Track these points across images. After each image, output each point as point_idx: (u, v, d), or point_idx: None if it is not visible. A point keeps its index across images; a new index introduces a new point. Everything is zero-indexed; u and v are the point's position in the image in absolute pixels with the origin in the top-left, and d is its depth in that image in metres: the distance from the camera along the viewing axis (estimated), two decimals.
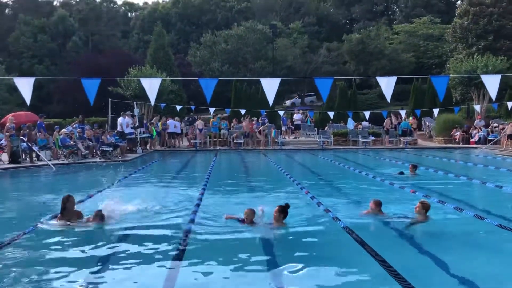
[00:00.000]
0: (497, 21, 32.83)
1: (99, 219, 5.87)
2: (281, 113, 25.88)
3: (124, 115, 18.35)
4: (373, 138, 22.50)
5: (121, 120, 18.13)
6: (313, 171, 13.53)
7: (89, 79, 10.78)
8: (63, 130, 15.95)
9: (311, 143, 22.90)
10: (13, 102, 33.52)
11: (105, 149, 15.48)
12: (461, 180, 10.70)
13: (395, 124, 23.70)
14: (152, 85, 11.69)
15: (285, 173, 11.87)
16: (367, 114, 24.63)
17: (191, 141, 21.98)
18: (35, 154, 14.56)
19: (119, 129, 18.05)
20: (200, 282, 4.08)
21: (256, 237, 5.44)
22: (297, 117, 25.66)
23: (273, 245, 5.22)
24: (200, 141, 21.48)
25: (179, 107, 24.78)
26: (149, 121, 21.60)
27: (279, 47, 42.12)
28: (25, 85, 10.66)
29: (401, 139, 22.17)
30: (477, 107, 24.35)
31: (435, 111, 22.83)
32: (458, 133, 23.05)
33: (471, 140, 22.54)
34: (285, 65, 41.89)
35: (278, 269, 4.34)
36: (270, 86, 11.12)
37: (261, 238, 5.42)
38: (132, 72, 27.21)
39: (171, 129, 21.20)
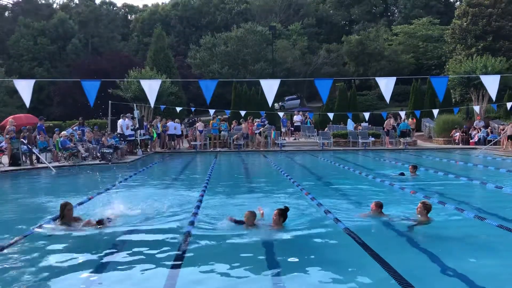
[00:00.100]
0: (496, 22, 32.88)
1: (100, 225, 5.83)
2: (281, 114, 25.89)
3: (124, 117, 18.37)
4: (373, 139, 22.52)
5: (121, 122, 18.14)
6: (313, 172, 13.52)
7: (89, 81, 10.78)
8: (63, 132, 15.96)
9: (311, 144, 22.90)
10: (13, 104, 33.53)
11: (105, 151, 15.48)
12: (461, 181, 10.71)
13: (393, 125, 23.70)
14: (151, 87, 11.68)
15: (285, 175, 11.88)
16: (366, 115, 24.65)
17: (191, 143, 22.00)
18: (35, 156, 14.58)
19: (119, 131, 18.06)
20: (199, 284, 4.08)
21: (256, 240, 5.42)
22: (297, 119, 25.67)
23: (273, 248, 5.21)
24: (200, 143, 21.50)
25: (179, 109, 24.83)
26: (149, 123, 21.62)
27: (278, 48, 42.15)
28: (25, 88, 10.65)
29: (400, 140, 22.18)
30: (477, 108, 24.38)
31: (435, 112, 22.87)
32: (457, 134, 23.06)
33: (471, 140, 22.55)
34: (284, 67, 41.90)
35: (278, 272, 4.33)
36: (269, 87, 11.13)
37: (261, 240, 5.41)
38: (132, 74, 27.25)
39: (171, 131, 21.22)
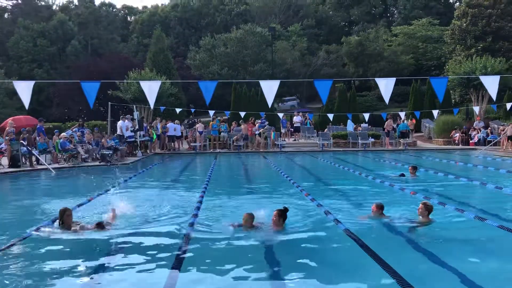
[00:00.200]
0: (496, 22, 32.91)
1: (99, 228, 5.78)
2: (281, 115, 25.90)
3: (124, 119, 18.36)
4: (373, 140, 22.53)
5: (121, 123, 18.14)
6: (313, 173, 13.52)
7: (89, 82, 10.78)
8: (62, 134, 15.95)
9: (311, 145, 22.90)
10: (12, 106, 33.52)
11: (105, 152, 15.47)
12: (461, 181, 10.70)
13: (393, 126, 23.70)
14: (151, 88, 11.68)
15: (285, 176, 11.87)
16: (366, 116, 24.66)
17: (191, 144, 21.99)
18: (35, 158, 14.57)
19: (119, 132, 18.05)
20: (199, 286, 4.07)
21: (255, 241, 5.39)
22: (296, 119, 25.68)
23: (273, 249, 5.19)
24: (199, 144, 21.49)
25: (178, 110, 24.83)
26: (149, 124, 21.62)
27: (278, 49, 42.17)
28: (25, 89, 10.65)
29: (400, 140, 22.18)
30: (476, 109, 24.38)
31: (435, 113, 22.87)
32: (457, 134, 23.06)
33: (471, 141, 22.56)
34: (284, 68, 41.91)
35: (278, 274, 4.33)
36: (269, 88, 11.13)
37: (261, 242, 5.38)
38: (131, 75, 27.27)
39: (171, 132, 21.22)
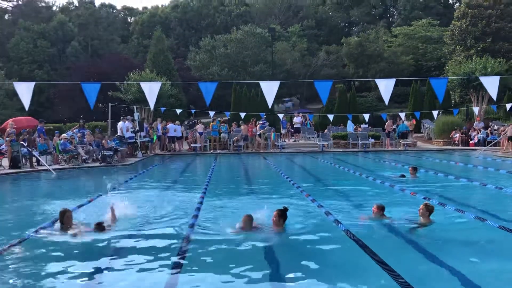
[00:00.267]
0: (496, 23, 32.93)
1: (99, 230, 5.76)
2: (281, 116, 25.93)
3: (124, 120, 18.38)
4: (373, 140, 22.54)
5: (121, 124, 18.15)
6: (313, 174, 13.53)
7: (89, 83, 10.81)
8: (63, 135, 15.96)
9: (311, 146, 22.91)
10: (13, 107, 33.55)
11: (105, 153, 15.49)
12: (461, 182, 10.71)
13: (393, 127, 23.70)
14: (151, 89, 11.72)
15: (285, 176, 11.88)
16: (366, 116, 24.68)
17: (191, 145, 22.00)
18: (35, 159, 14.58)
19: (119, 133, 18.07)
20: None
21: (256, 242, 5.39)
22: (297, 120, 25.70)
23: (273, 250, 5.19)
24: (200, 145, 21.51)
25: (179, 111, 24.86)
26: (149, 125, 21.63)
27: (278, 50, 42.20)
28: (25, 90, 10.68)
29: (400, 141, 22.20)
30: (476, 109, 24.40)
31: (435, 113, 22.87)
32: (457, 135, 23.07)
33: (471, 142, 22.57)
34: (284, 68, 41.94)
35: (278, 275, 4.33)
36: (269, 89, 11.17)
37: (261, 243, 5.38)
38: (132, 76, 27.30)
39: (171, 133, 21.23)
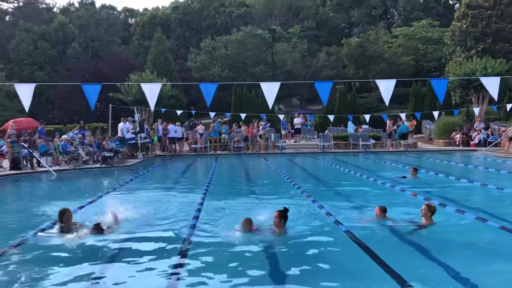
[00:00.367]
0: (496, 23, 32.93)
1: (98, 232, 5.69)
2: (281, 117, 25.94)
3: (124, 121, 18.39)
4: (374, 141, 22.54)
5: (121, 125, 18.15)
6: (314, 175, 13.52)
7: (90, 84, 10.82)
8: (63, 136, 15.97)
9: (312, 147, 22.91)
10: (13, 108, 33.59)
11: (106, 154, 15.49)
12: (462, 182, 10.70)
13: (394, 128, 23.68)
14: (152, 91, 11.72)
15: (286, 177, 11.87)
16: (367, 117, 24.68)
17: (192, 146, 22.01)
18: (36, 160, 14.58)
19: (119, 134, 18.07)
20: None
21: (257, 244, 5.36)
22: (297, 121, 25.71)
23: (274, 252, 5.18)
24: (200, 146, 21.51)
25: (179, 112, 24.87)
26: (150, 126, 21.64)
27: (278, 51, 42.23)
28: (25, 92, 10.69)
29: (401, 142, 22.19)
30: (477, 110, 24.39)
31: (435, 114, 22.86)
32: (458, 135, 23.06)
33: (471, 142, 22.56)
34: (284, 69, 41.97)
35: (279, 276, 4.32)
36: (270, 90, 11.18)
37: (262, 244, 5.36)
38: (132, 77, 27.31)
39: (172, 134, 21.24)
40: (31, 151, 14.19)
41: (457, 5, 47.92)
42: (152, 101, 11.38)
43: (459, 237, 5.80)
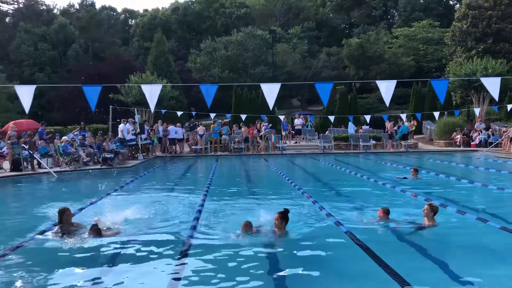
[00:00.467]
0: (496, 24, 32.93)
1: (96, 234, 5.63)
2: (282, 117, 25.93)
3: (125, 122, 18.39)
4: (374, 142, 22.52)
5: (122, 126, 18.15)
6: (314, 176, 13.51)
7: (90, 86, 10.80)
8: (64, 137, 15.98)
9: (312, 148, 22.89)
10: (14, 110, 33.62)
11: (106, 156, 15.49)
12: (463, 183, 10.68)
13: (394, 129, 23.66)
14: (152, 92, 11.73)
15: (287, 178, 11.86)
16: (367, 118, 24.66)
17: (192, 147, 22.00)
18: (36, 161, 14.59)
19: (120, 135, 18.07)
20: None
21: (258, 245, 5.35)
22: (297, 122, 25.71)
23: (275, 253, 5.17)
24: (201, 147, 21.50)
25: (180, 113, 24.86)
26: (150, 127, 21.63)
27: (279, 52, 42.25)
28: (26, 93, 10.69)
29: (401, 142, 22.18)
30: (477, 110, 24.37)
31: (436, 114, 22.83)
32: (458, 136, 23.04)
33: (472, 143, 22.53)
34: (285, 70, 41.98)
35: (280, 278, 4.31)
36: (270, 91, 11.18)
37: (264, 246, 5.34)
38: (132, 79, 27.31)
39: (172, 135, 21.24)
40: (31, 152, 14.19)
41: (458, 5, 47.91)
42: (152, 102, 11.38)
43: (460, 238, 5.78)
